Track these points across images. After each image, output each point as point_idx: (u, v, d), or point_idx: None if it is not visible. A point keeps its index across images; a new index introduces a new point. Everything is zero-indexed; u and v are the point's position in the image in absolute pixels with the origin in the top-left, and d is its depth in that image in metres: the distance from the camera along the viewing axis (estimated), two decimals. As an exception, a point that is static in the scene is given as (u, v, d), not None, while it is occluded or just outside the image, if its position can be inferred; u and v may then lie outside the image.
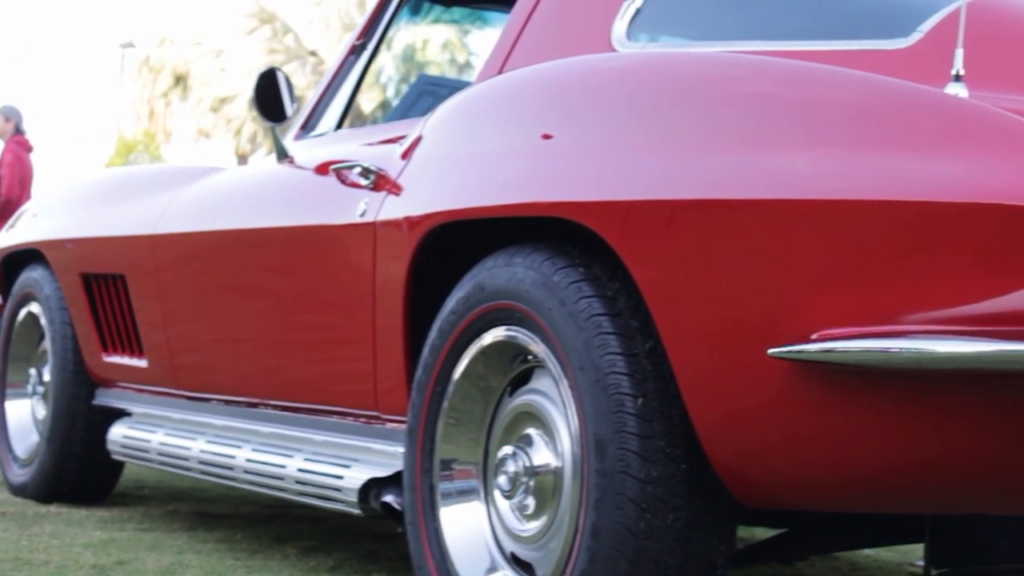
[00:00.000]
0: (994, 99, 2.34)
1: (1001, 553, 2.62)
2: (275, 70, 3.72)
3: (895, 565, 4.09)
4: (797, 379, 2.23)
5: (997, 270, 2.08)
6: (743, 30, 2.92)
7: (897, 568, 4.06)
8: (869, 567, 4.07)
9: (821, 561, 4.09)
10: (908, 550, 3.91)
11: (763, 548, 2.88)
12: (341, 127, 3.79)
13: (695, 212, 2.35)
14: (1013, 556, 2.63)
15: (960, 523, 2.64)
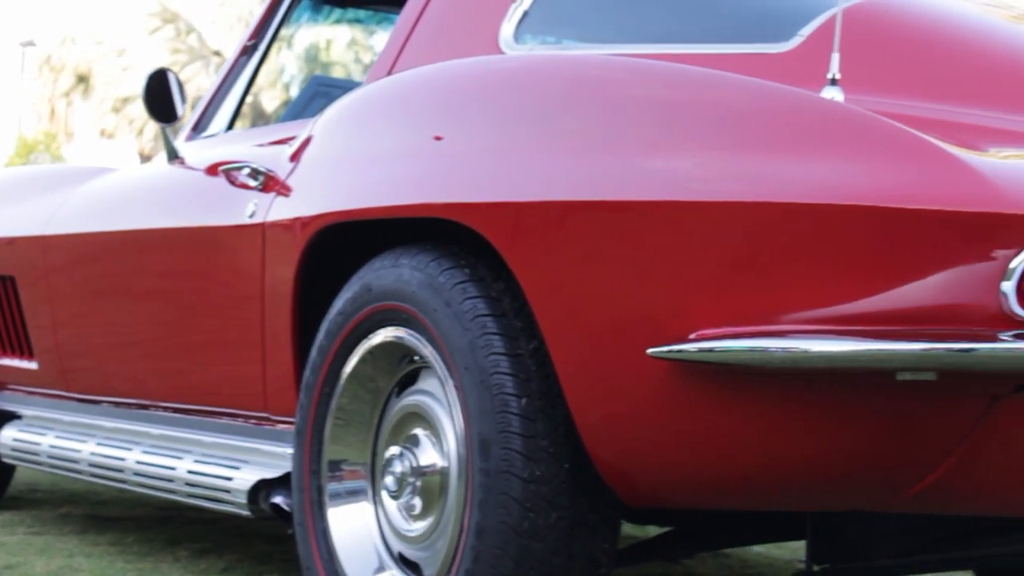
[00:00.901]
0: (871, 102, 2.38)
1: (880, 548, 2.67)
2: (165, 70, 3.70)
3: (785, 562, 4.14)
4: (676, 379, 2.25)
5: (869, 270, 2.11)
6: (628, 33, 2.94)
7: (787, 565, 4.11)
8: (759, 564, 4.11)
9: (713, 559, 4.13)
10: (798, 547, 3.97)
11: (649, 546, 2.91)
12: (232, 128, 3.78)
13: (576, 213, 2.37)
14: (891, 551, 2.67)
15: (841, 519, 2.68)
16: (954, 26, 2.73)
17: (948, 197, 2.06)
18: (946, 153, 2.11)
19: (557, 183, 2.43)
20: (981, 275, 2.06)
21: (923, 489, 2.23)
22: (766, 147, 2.25)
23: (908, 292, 2.10)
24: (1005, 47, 2.69)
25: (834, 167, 2.16)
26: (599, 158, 2.40)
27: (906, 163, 2.11)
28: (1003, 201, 2.05)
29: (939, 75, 2.58)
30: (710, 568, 4.01)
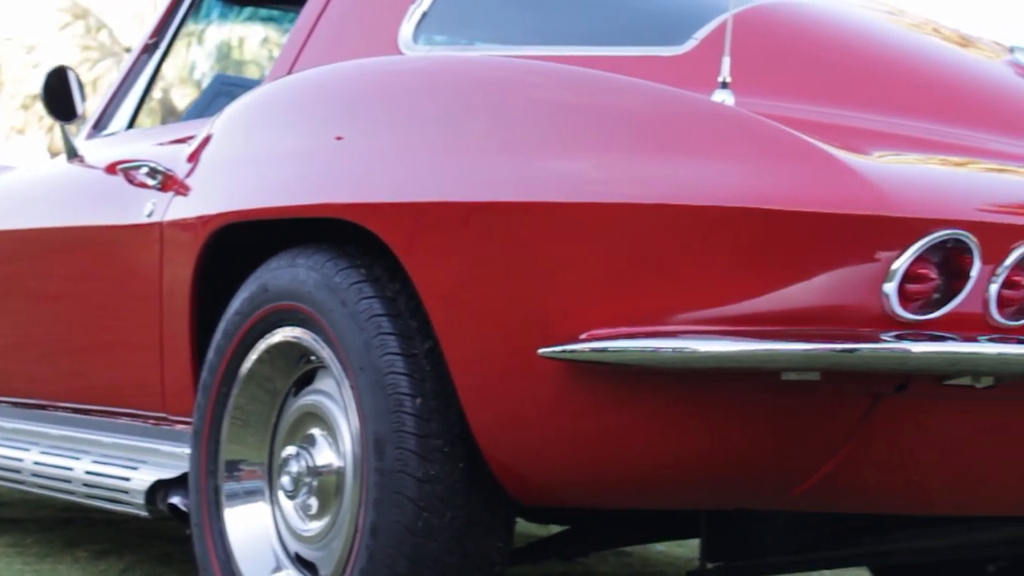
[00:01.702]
0: (761, 105, 2.41)
1: (772, 545, 2.70)
2: (65, 68, 3.67)
3: (686, 560, 4.18)
4: (567, 379, 2.27)
5: (755, 272, 2.14)
6: (526, 35, 2.96)
7: (688, 563, 4.14)
8: (660, 562, 4.15)
9: (614, 557, 4.16)
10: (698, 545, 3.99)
11: (545, 545, 2.93)
12: (133, 126, 3.76)
13: (468, 215, 2.38)
14: (782, 548, 2.70)
15: (734, 517, 2.71)
16: (845, 31, 2.77)
17: (832, 200, 2.09)
18: (830, 156, 2.14)
19: (451, 184, 2.44)
20: (864, 277, 2.10)
21: (810, 487, 2.26)
22: (656, 150, 2.27)
23: (793, 293, 2.13)
24: (895, 52, 2.73)
25: (722, 170, 2.19)
26: (493, 160, 2.41)
27: (791, 166, 2.15)
28: (885, 204, 2.09)
29: (829, 79, 2.62)
30: (611, 567, 4.04)
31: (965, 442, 2.29)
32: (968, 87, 2.64)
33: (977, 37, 2.97)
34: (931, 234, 2.09)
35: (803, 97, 2.55)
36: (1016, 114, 2.60)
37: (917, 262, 2.09)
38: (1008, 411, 2.27)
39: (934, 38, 2.88)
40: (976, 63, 2.77)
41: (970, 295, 2.13)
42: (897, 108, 2.55)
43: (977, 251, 2.11)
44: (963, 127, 2.52)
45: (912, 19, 2.98)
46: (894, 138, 2.44)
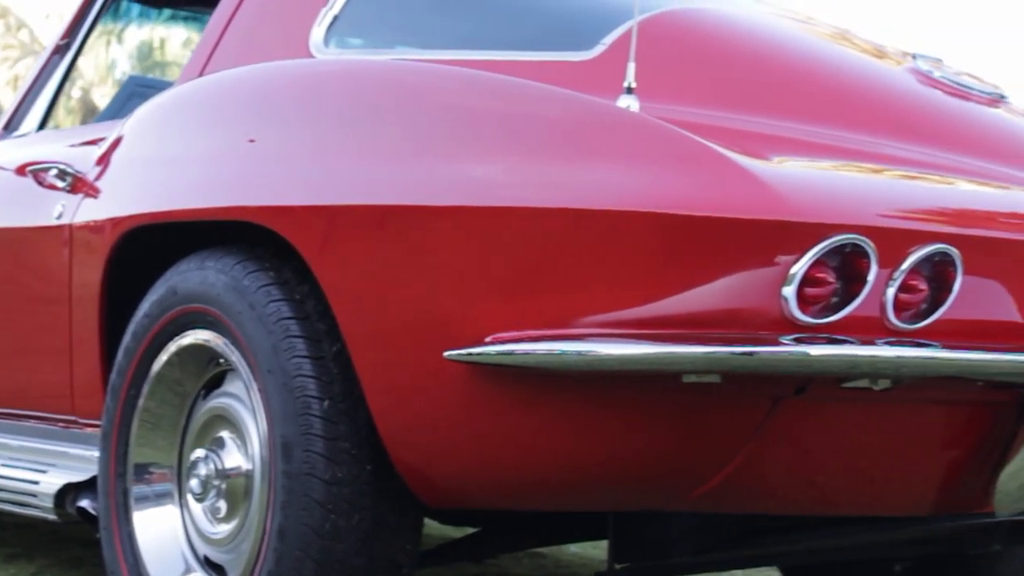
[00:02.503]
0: (666, 111, 2.44)
1: (677, 545, 2.72)
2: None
3: (599, 561, 4.20)
4: (473, 381, 2.28)
5: (658, 275, 2.16)
6: (435, 39, 2.97)
7: (601, 564, 4.16)
8: (574, 564, 4.17)
9: (528, 559, 4.18)
10: (608, 546, 4.01)
11: (455, 547, 2.94)
12: (44, 127, 3.73)
13: (375, 218, 2.39)
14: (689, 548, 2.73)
15: (642, 518, 2.73)
16: (750, 37, 2.80)
17: (732, 204, 2.12)
18: (731, 161, 2.17)
19: (359, 188, 2.45)
20: (764, 280, 2.13)
21: (712, 488, 2.29)
22: (561, 154, 2.29)
23: (696, 296, 2.16)
24: (798, 59, 2.77)
25: (625, 174, 2.21)
26: (402, 164, 2.42)
27: (693, 171, 2.17)
28: (784, 209, 2.12)
29: (733, 85, 2.65)
30: (525, 568, 4.06)
31: (864, 443, 2.33)
32: (870, 93, 2.68)
33: (881, 44, 3.01)
34: (829, 238, 2.12)
35: (707, 102, 2.58)
36: (916, 120, 2.64)
37: (815, 266, 2.12)
38: (905, 413, 2.31)
39: (838, 44, 2.92)
40: (878, 69, 2.81)
41: (868, 299, 2.16)
42: (798, 114, 2.58)
43: (874, 255, 2.14)
44: (864, 133, 2.56)
45: (817, 25, 3.02)
46: (795, 143, 2.48)
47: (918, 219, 2.23)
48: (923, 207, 2.29)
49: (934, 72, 2.79)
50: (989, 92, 2.81)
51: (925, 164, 2.50)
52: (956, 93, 2.75)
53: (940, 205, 2.34)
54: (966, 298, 2.25)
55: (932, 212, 2.28)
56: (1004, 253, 2.30)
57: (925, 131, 2.61)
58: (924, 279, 2.21)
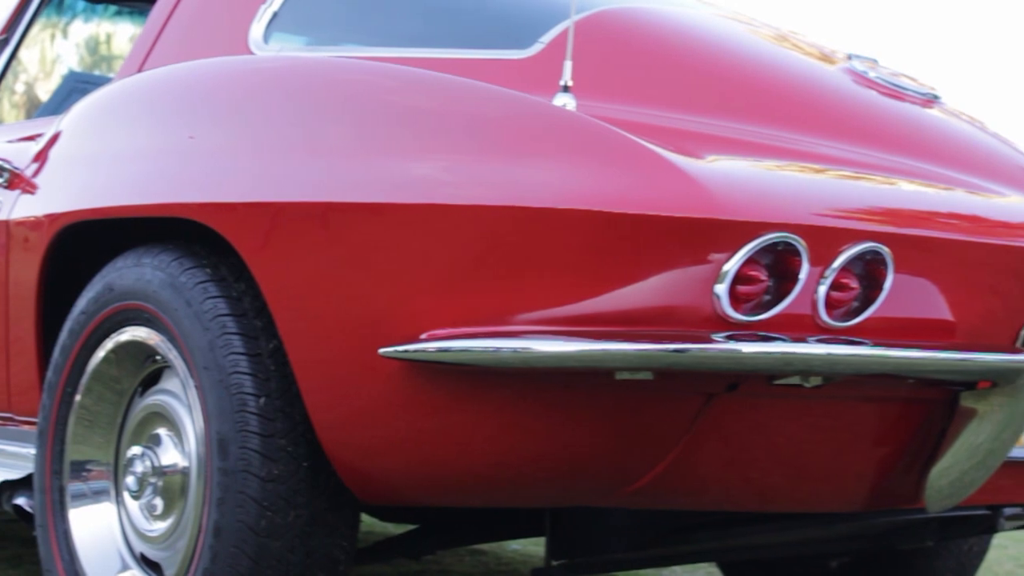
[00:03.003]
0: (603, 109, 2.45)
1: (613, 542, 2.74)
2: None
3: (540, 559, 4.21)
4: (408, 378, 2.29)
5: (592, 273, 2.17)
6: (374, 36, 2.97)
7: (542, 561, 4.17)
8: (515, 561, 4.18)
9: (469, 556, 4.19)
10: (548, 543, 4.02)
11: (393, 544, 2.95)
12: (-16, 122, 3.71)
13: (311, 215, 2.39)
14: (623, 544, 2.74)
15: (578, 515, 2.75)
16: (687, 36, 2.81)
17: (665, 202, 2.13)
18: (665, 160, 2.18)
19: (295, 185, 2.45)
20: (696, 278, 2.14)
21: (645, 484, 2.30)
22: (497, 152, 2.30)
23: (630, 294, 2.17)
24: (734, 58, 2.78)
25: (560, 172, 2.22)
26: (337, 161, 2.43)
27: (627, 169, 2.18)
28: (717, 207, 2.14)
29: (669, 83, 2.66)
30: (466, 565, 4.06)
31: (796, 440, 2.35)
32: (805, 93, 2.70)
33: (818, 44, 3.03)
34: (761, 237, 2.13)
35: (644, 101, 2.60)
36: (850, 120, 2.66)
37: (747, 264, 2.14)
38: (837, 409, 2.33)
39: (775, 44, 2.94)
40: (814, 69, 2.83)
41: (799, 296, 2.18)
42: (733, 113, 2.60)
43: (806, 253, 2.16)
44: (798, 132, 2.58)
45: (755, 25, 3.04)
46: (730, 142, 2.49)
47: (850, 218, 2.25)
48: (855, 206, 2.31)
49: (869, 72, 2.82)
50: (923, 93, 2.83)
51: (858, 163, 2.52)
52: (890, 93, 2.78)
53: (872, 204, 2.36)
54: (897, 296, 2.27)
55: (864, 211, 2.31)
56: (934, 252, 2.33)
57: (859, 131, 2.64)
58: (855, 277, 2.23)
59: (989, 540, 3.49)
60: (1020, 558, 4.82)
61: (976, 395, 2.36)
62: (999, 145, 2.75)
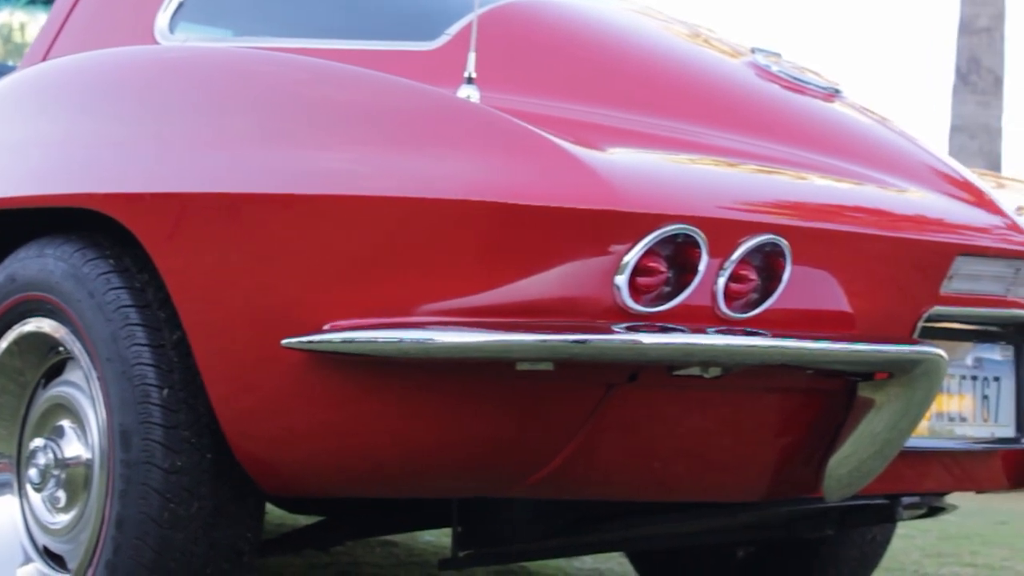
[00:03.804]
0: (507, 101, 2.46)
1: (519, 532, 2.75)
2: None
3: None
4: (311, 369, 2.29)
5: (494, 264, 2.18)
6: (281, 27, 2.97)
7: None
8: (426, 552, 4.19)
9: (381, 547, 4.19)
10: (458, 534, 4.03)
11: (300, 535, 2.95)
12: None
13: (211, 205, 2.39)
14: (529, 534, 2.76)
15: (485, 505, 2.76)
16: (592, 29, 2.83)
17: (566, 194, 2.15)
18: (566, 151, 2.19)
19: (198, 176, 2.45)
20: (597, 269, 2.16)
21: (547, 475, 2.31)
22: (401, 144, 2.30)
23: (531, 285, 2.18)
24: (638, 51, 2.80)
25: (462, 164, 2.22)
26: (241, 152, 2.42)
27: (528, 160, 2.19)
28: (617, 199, 2.15)
29: (573, 76, 2.68)
30: (377, 557, 4.07)
31: (697, 430, 2.37)
32: (707, 86, 2.73)
33: (721, 37, 3.06)
34: (660, 228, 2.15)
35: (548, 93, 2.61)
36: (751, 113, 2.69)
37: (647, 256, 2.15)
38: (736, 400, 2.36)
39: (678, 37, 2.96)
40: (717, 63, 2.85)
41: (699, 288, 2.20)
42: (636, 105, 2.62)
43: (705, 245, 2.18)
44: (700, 125, 2.61)
45: (659, 18, 3.06)
46: (631, 134, 2.51)
47: (749, 210, 2.28)
48: (754, 198, 2.34)
49: (772, 67, 2.85)
50: (825, 87, 2.87)
51: (759, 156, 2.55)
52: (793, 87, 2.81)
53: (771, 197, 2.38)
54: (796, 288, 2.30)
55: (763, 204, 2.33)
56: (833, 244, 2.35)
57: (760, 124, 2.67)
58: (754, 269, 2.25)
59: (892, 530, 3.54)
60: (927, 548, 4.89)
61: (874, 385, 2.39)
62: (899, 139, 2.78)
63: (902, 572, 4.38)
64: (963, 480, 2.79)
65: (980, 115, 10.29)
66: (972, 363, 2.69)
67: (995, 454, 2.76)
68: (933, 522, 5.28)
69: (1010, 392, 2.72)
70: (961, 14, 10.34)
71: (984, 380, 2.69)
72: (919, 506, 2.83)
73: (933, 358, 2.35)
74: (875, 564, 3.57)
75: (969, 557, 4.74)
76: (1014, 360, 2.72)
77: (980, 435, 2.69)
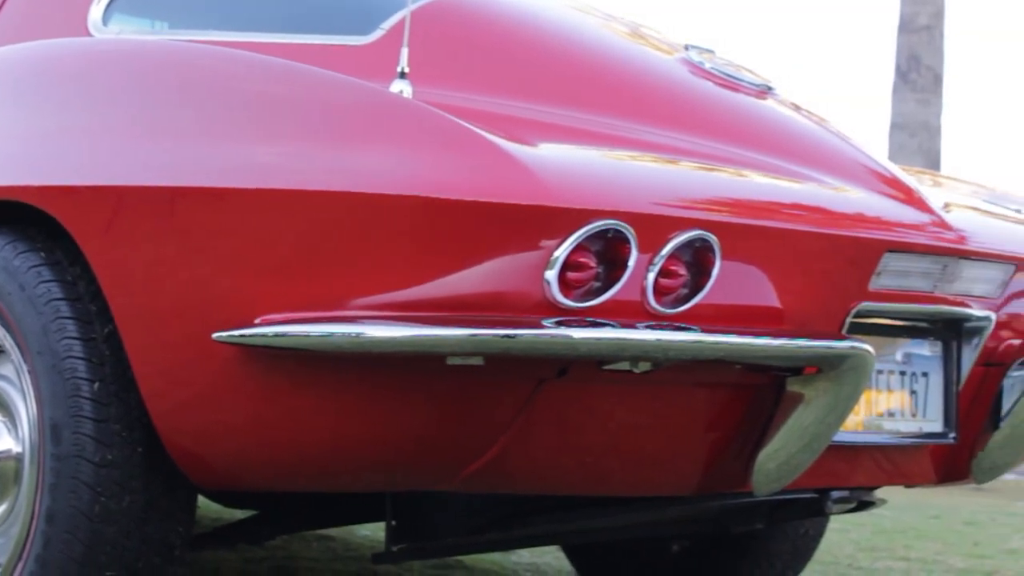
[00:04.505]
0: (440, 95, 2.47)
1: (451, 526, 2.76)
2: None
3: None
4: (243, 363, 2.29)
5: (425, 259, 2.19)
6: (216, 20, 2.96)
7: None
8: (363, 547, 4.19)
9: (317, 542, 4.19)
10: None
11: (232, 529, 2.95)
12: None
13: (144, 199, 2.38)
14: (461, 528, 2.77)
15: (418, 500, 2.77)
16: (525, 24, 2.84)
17: (496, 189, 2.15)
18: (496, 147, 2.20)
19: (130, 169, 2.44)
20: (527, 264, 2.16)
21: (478, 468, 2.32)
22: (334, 139, 2.30)
23: (463, 280, 2.19)
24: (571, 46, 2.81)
25: (394, 159, 2.23)
26: (172, 146, 2.42)
27: (459, 156, 2.20)
28: (548, 194, 2.16)
29: (507, 71, 2.69)
30: (314, 551, 4.06)
31: (626, 424, 2.39)
32: (640, 82, 2.74)
33: (655, 33, 3.07)
34: (590, 224, 2.16)
35: (482, 88, 2.62)
36: (683, 110, 2.71)
37: (577, 251, 2.16)
38: (666, 395, 2.37)
39: (612, 33, 2.97)
40: (650, 59, 2.87)
41: (628, 283, 2.21)
42: (569, 101, 2.63)
43: (635, 241, 2.19)
44: (633, 121, 2.62)
45: (594, 14, 3.07)
46: (563, 130, 2.53)
47: (679, 206, 2.29)
48: (685, 195, 2.35)
49: (705, 63, 2.86)
50: (758, 84, 2.89)
51: (690, 153, 2.57)
52: (725, 84, 2.83)
53: (701, 193, 2.39)
54: (726, 283, 2.31)
55: (693, 200, 2.34)
56: (762, 240, 2.37)
57: (692, 120, 2.68)
58: (684, 265, 2.27)
59: (825, 524, 3.58)
60: (861, 542, 4.93)
61: (802, 380, 2.41)
62: (830, 136, 2.81)
63: (836, 566, 4.42)
64: (892, 474, 2.82)
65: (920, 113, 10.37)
66: (901, 359, 2.72)
67: (923, 449, 2.79)
68: (868, 516, 5.33)
69: (938, 387, 2.75)
70: (901, 12, 10.42)
71: (913, 375, 2.72)
72: (848, 500, 2.86)
73: (860, 353, 2.37)
74: (808, 557, 3.60)
75: (903, 551, 4.79)
76: (942, 356, 2.76)
77: (908, 430, 2.72)
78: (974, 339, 2.76)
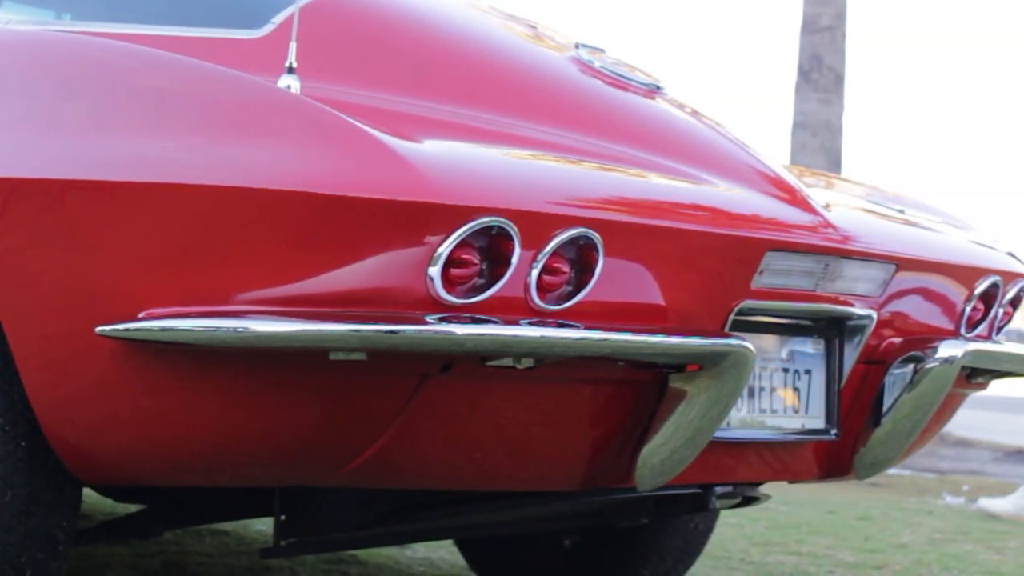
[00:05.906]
0: (327, 91, 2.47)
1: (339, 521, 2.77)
2: None
3: (282, 539, 4.21)
4: (126, 357, 2.28)
5: (309, 255, 2.19)
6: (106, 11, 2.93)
7: (284, 541, 4.18)
8: (257, 541, 4.18)
9: (211, 536, 4.17)
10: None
11: (119, 524, 2.93)
12: None
13: (26, 191, 2.36)
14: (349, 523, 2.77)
15: (307, 495, 2.77)
16: (414, 20, 2.84)
17: (380, 185, 2.16)
18: (381, 143, 2.21)
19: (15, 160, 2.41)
20: (411, 260, 2.18)
21: (362, 464, 2.33)
22: (220, 133, 2.29)
23: (346, 275, 2.19)
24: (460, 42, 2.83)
25: (277, 154, 2.22)
26: (58, 139, 2.40)
27: (342, 151, 2.20)
28: (432, 191, 2.17)
29: (394, 67, 2.69)
30: (208, 546, 4.05)
31: (510, 420, 2.40)
32: (528, 79, 2.76)
33: (546, 31, 3.09)
34: (473, 220, 2.17)
35: (369, 84, 2.62)
36: (571, 107, 2.73)
37: (460, 247, 2.18)
38: (550, 391, 2.40)
39: (502, 30, 2.99)
40: (539, 57, 2.88)
41: (512, 280, 2.23)
42: (457, 97, 2.65)
43: (518, 238, 2.21)
44: (519, 118, 2.64)
45: (484, 11, 3.09)
46: (449, 126, 2.54)
47: (563, 204, 2.31)
48: (569, 192, 2.37)
49: (595, 62, 2.89)
50: (646, 83, 2.91)
51: (575, 150, 2.59)
52: (614, 83, 2.85)
53: (586, 191, 2.42)
54: (609, 281, 2.34)
55: (577, 198, 2.36)
56: (645, 238, 2.40)
57: (579, 118, 2.70)
58: (567, 262, 2.29)
59: (715, 519, 3.62)
60: (754, 536, 4.99)
61: (685, 377, 2.44)
62: (716, 136, 2.84)
63: (728, 560, 4.46)
64: (775, 470, 2.87)
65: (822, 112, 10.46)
66: (785, 356, 2.76)
67: (806, 445, 2.84)
68: (763, 511, 5.39)
69: (820, 385, 2.80)
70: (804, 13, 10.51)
71: (796, 373, 2.76)
72: (732, 496, 2.90)
73: (741, 350, 2.41)
74: (698, 552, 3.64)
75: (795, 546, 4.85)
76: (825, 353, 2.80)
77: (791, 426, 2.76)
78: (856, 337, 2.81)
